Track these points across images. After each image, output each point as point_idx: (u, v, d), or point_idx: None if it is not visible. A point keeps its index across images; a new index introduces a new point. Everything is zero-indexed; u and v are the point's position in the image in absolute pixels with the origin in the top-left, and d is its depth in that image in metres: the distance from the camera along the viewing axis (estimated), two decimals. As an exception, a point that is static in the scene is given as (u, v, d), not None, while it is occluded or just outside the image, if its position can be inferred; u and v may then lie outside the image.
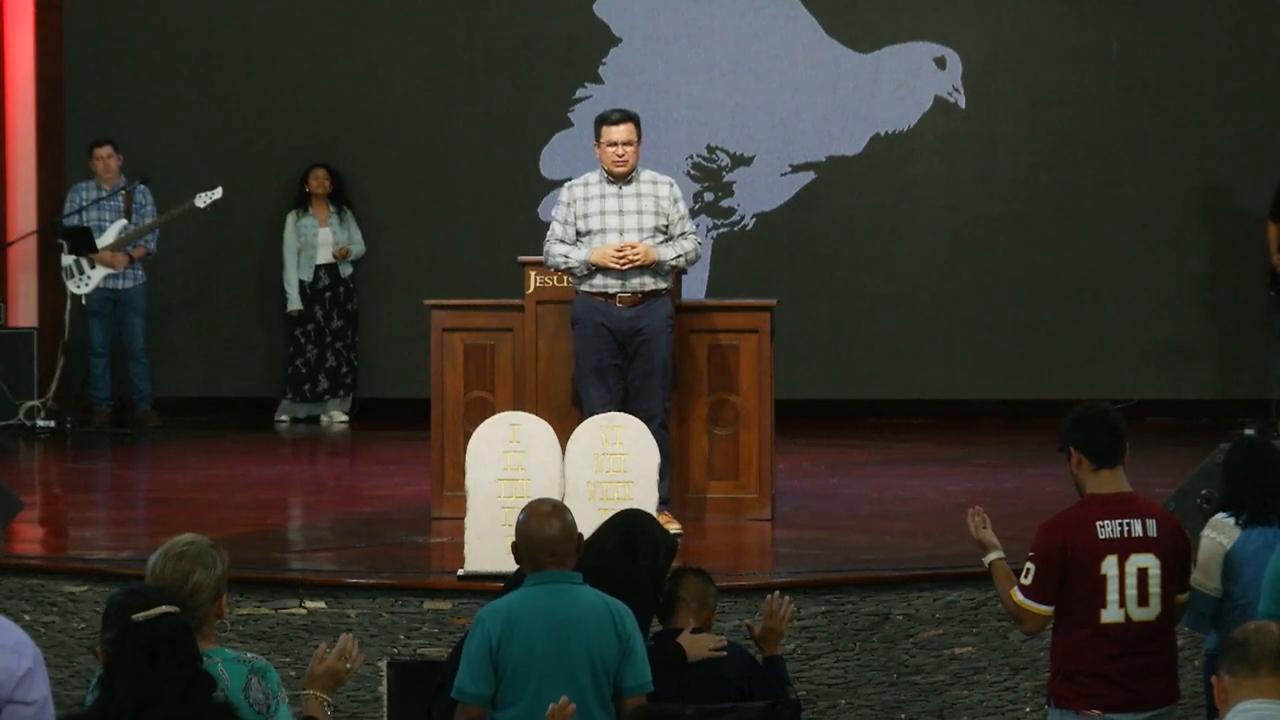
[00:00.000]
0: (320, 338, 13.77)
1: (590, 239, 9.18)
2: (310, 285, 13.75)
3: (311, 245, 13.73)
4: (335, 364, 13.81)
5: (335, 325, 13.80)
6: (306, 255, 13.73)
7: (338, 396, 13.85)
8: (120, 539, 9.64)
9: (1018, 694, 8.12)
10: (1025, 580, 6.18)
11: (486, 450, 8.17)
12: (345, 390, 13.87)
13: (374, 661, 7.93)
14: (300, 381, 13.78)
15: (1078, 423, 6.24)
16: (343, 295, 13.83)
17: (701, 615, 6.62)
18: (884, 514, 9.92)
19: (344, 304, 13.83)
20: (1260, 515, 6.48)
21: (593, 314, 9.18)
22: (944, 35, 13.80)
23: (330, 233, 13.74)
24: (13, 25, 14.08)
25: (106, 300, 13.28)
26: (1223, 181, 13.67)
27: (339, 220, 13.78)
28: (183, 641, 4.53)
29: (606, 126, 9.25)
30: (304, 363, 13.76)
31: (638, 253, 9.06)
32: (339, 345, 13.81)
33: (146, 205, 13.38)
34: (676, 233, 9.22)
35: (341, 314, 13.83)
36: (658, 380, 9.20)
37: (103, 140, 13.38)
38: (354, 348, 13.87)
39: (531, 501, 6.08)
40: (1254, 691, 4.53)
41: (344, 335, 13.83)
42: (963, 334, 13.84)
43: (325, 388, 13.81)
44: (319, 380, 13.79)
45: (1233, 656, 4.62)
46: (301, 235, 13.72)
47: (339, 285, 13.80)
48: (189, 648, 4.55)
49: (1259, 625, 4.71)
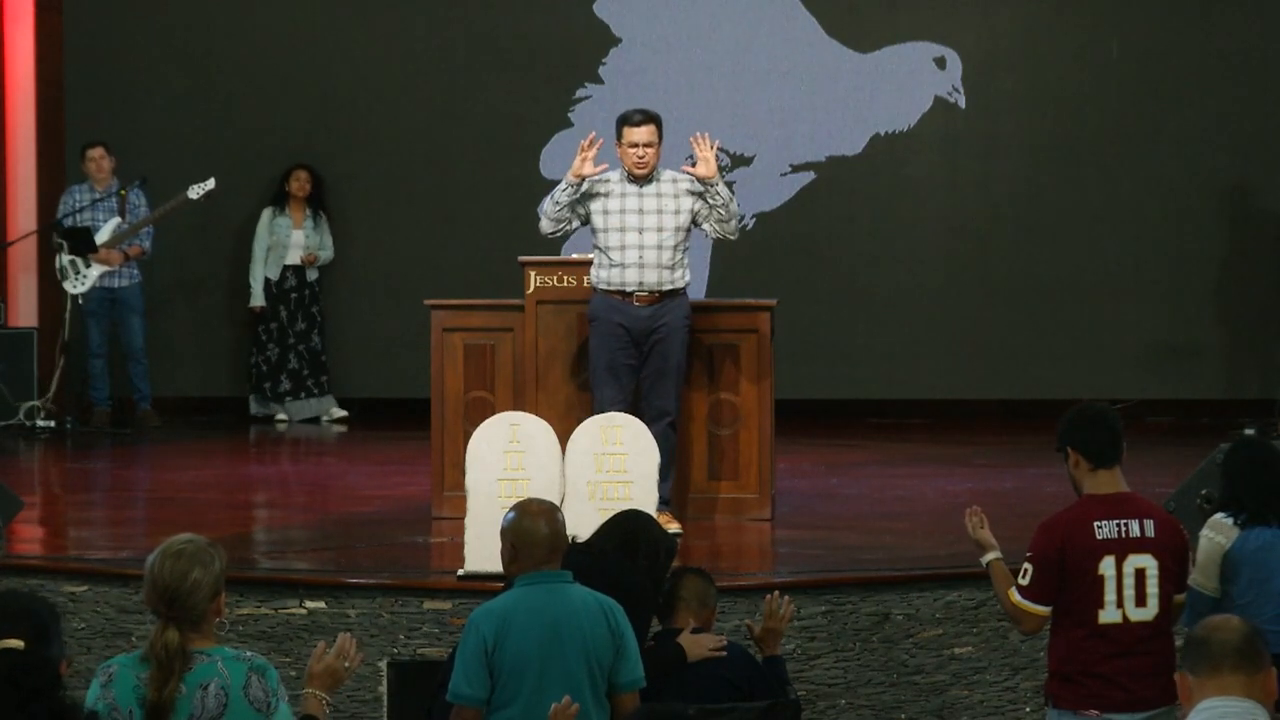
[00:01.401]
0: (283, 338, 13.80)
1: (607, 236, 9.18)
2: (276, 284, 13.78)
3: (283, 245, 13.76)
4: (297, 365, 13.83)
5: (299, 328, 13.82)
6: (276, 254, 13.77)
7: (298, 398, 13.85)
8: (120, 539, 9.64)
9: (1018, 694, 8.12)
10: (1023, 581, 6.17)
11: (486, 450, 8.17)
12: (307, 392, 13.85)
13: (374, 661, 7.93)
14: (261, 379, 13.82)
15: (1076, 423, 6.24)
16: (308, 298, 13.85)
17: (701, 615, 6.62)
18: (884, 514, 9.92)
19: (309, 306, 13.86)
20: (1259, 515, 6.48)
21: (611, 312, 9.20)
22: (944, 35, 13.81)
23: (303, 235, 13.78)
24: (13, 25, 14.08)
25: (103, 300, 13.28)
26: (1223, 181, 13.68)
27: (313, 224, 13.81)
28: (21, 678, 4.39)
29: (628, 128, 9.24)
30: (264, 360, 13.80)
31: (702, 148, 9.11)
32: (301, 347, 13.82)
33: (140, 206, 13.37)
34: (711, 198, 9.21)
35: (305, 316, 13.86)
36: (671, 379, 9.21)
37: (95, 142, 13.39)
38: (322, 350, 13.87)
39: (520, 502, 6.05)
40: (1216, 690, 4.44)
41: (307, 338, 13.84)
42: (963, 334, 13.85)
43: (287, 389, 13.82)
44: (280, 380, 13.80)
45: (1195, 654, 4.50)
46: (274, 233, 13.76)
47: (304, 288, 13.83)
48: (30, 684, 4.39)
49: (1220, 621, 4.60)
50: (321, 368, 13.90)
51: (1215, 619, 4.63)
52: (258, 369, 13.85)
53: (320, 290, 13.91)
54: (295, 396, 13.85)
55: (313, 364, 13.87)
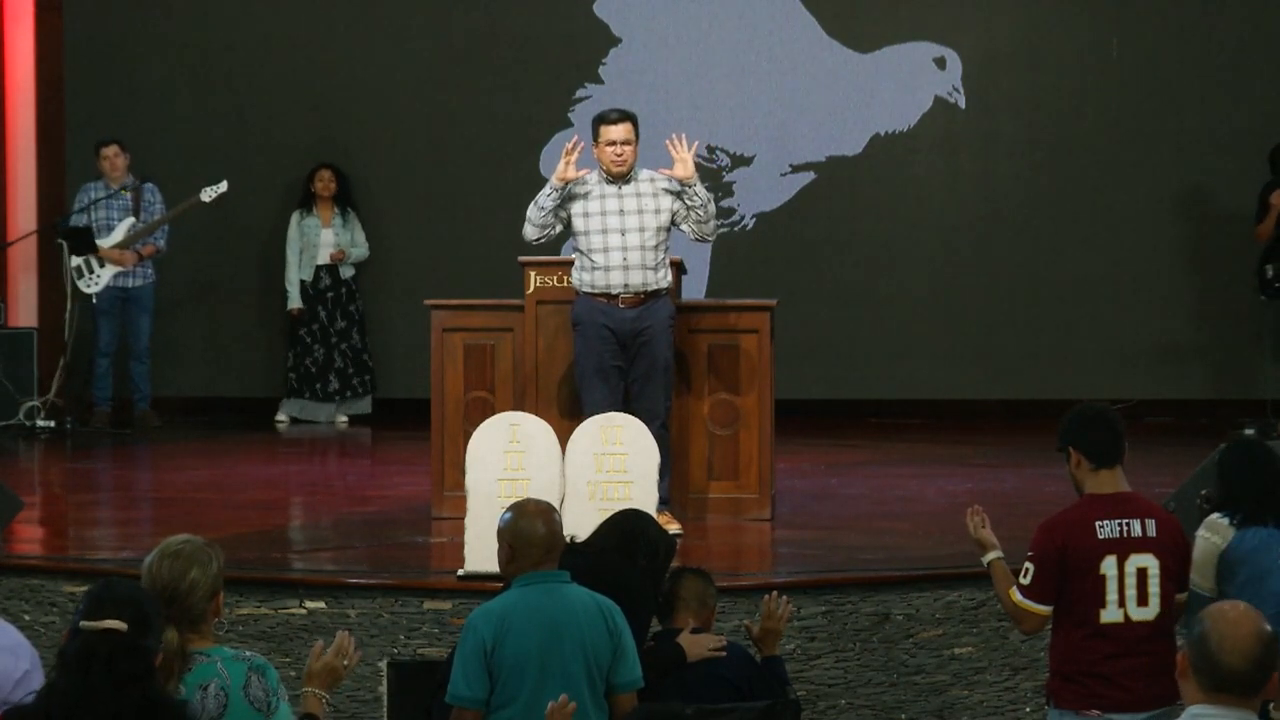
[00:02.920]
0: (326, 338, 13.78)
1: (589, 238, 9.19)
2: (311, 285, 13.76)
3: (313, 245, 13.75)
4: (342, 365, 13.82)
5: (339, 326, 13.82)
6: (308, 255, 13.75)
7: (346, 398, 13.85)
8: (120, 539, 9.64)
9: (1018, 694, 8.12)
10: (1024, 580, 6.17)
11: (486, 450, 8.17)
12: (353, 392, 13.86)
13: (374, 661, 7.93)
14: (310, 381, 13.79)
15: (1076, 423, 6.24)
16: (344, 296, 13.83)
17: (701, 615, 6.62)
18: (884, 514, 9.92)
19: (346, 305, 13.84)
20: (1255, 515, 6.47)
21: (595, 315, 9.19)
22: (944, 35, 13.81)
23: (333, 234, 13.76)
24: (13, 25, 14.08)
25: (115, 299, 13.30)
26: (1223, 182, 13.68)
27: (342, 222, 13.79)
28: (119, 662, 4.38)
29: (605, 126, 9.25)
30: (312, 362, 13.78)
31: (678, 149, 9.13)
32: (344, 346, 13.82)
33: (155, 204, 13.39)
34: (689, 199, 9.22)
35: (344, 315, 13.84)
36: (659, 380, 9.21)
37: (109, 140, 13.40)
38: (364, 349, 13.87)
39: (517, 503, 6.04)
40: (1209, 701, 4.38)
41: (349, 336, 13.83)
42: (963, 334, 13.85)
43: (335, 388, 13.82)
44: (330, 380, 13.80)
45: (1201, 664, 4.33)
46: (304, 235, 13.74)
47: (340, 286, 13.81)
48: (126, 669, 4.38)
49: (1233, 643, 4.33)
50: (364, 367, 13.89)
51: (1229, 637, 4.36)
52: (303, 371, 13.80)
53: (357, 288, 13.89)
54: (343, 396, 13.84)
55: (356, 362, 13.86)
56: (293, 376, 13.83)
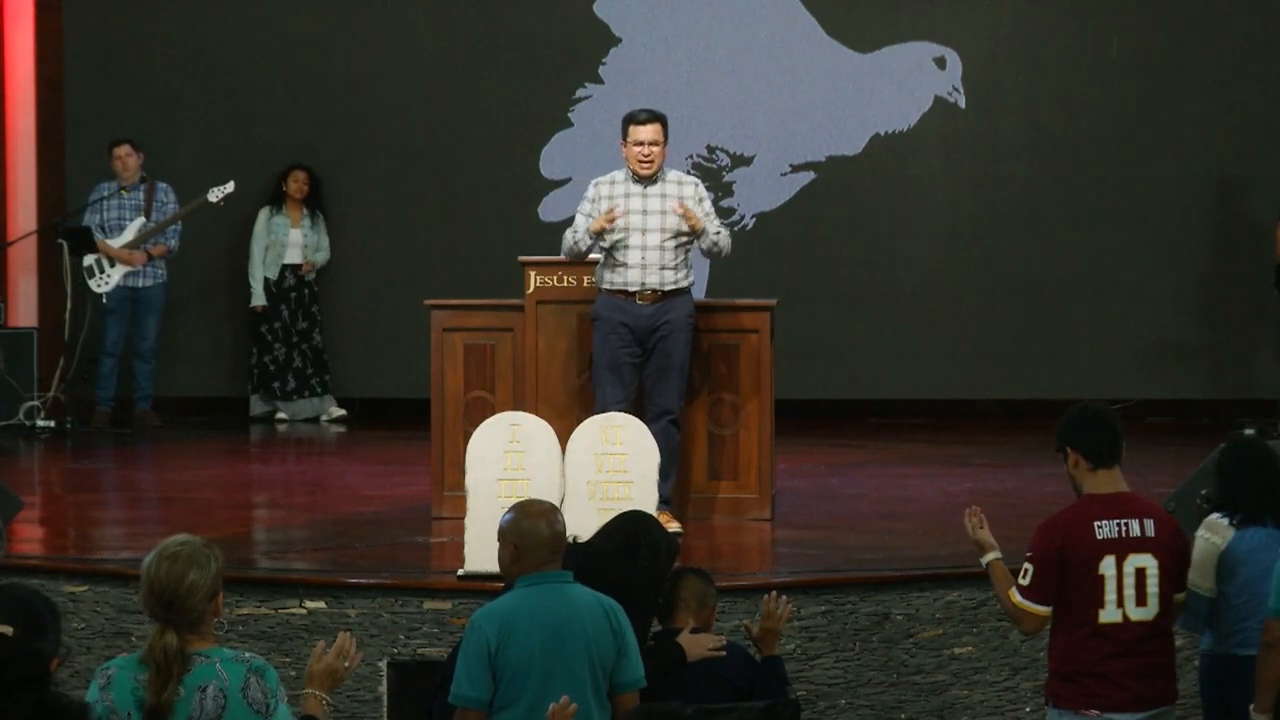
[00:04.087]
0: (288, 337, 13.80)
1: (612, 236, 9.19)
2: (275, 284, 13.79)
3: (280, 244, 13.78)
4: (301, 364, 13.84)
5: (300, 326, 13.83)
6: (274, 253, 13.79)
7: (303, 396, 13.86)
8: (120, 539, 9.65)
9: (1018, 694, 8.12)
10: (1023, 581, 6.18)
11: (486, 450, 8.17)
12: (311, 391, 13.87)
13: (374, 661, 7.93)
14: (268, 379, 13.82)
15: (1075, 423, 6.24)
16: (307, 297, 13.86)
17: (701, 615, 6.62)
18: (884, 514, 9.92)
19: (308, 305, 13.87)
20: (1255, 515, 6.48)
21: (614, 311, 9.22)
22: (944, 35, 13.80)
23: (301, 234, 13.79)
24: (13, 25, 14.08)
25: (125, 298, 13.31)
26: (1223, 181, 13.68)
27: (310, 223, 13.82)
28: (9, 666, 4.35)
29: (634, 126, 9.26)
30: (271, 360, 13.80)
31: (688, 213, 9.13)
32: (304, 346, 13.84)
33: (168, 203, 13.40)
34: (700, 243, 9.28)
35: (306, 315, 13.87)
36: (674, 376, 9.23)
37: (121, 139, 13.41)
38: (322, 350, 13.88)
39: (519, 504, 6.03)
40: None
41: (309, 336, 13.85)
42: (963, 334, 13.84)
43: (292, 387, 13.84)
44: (287, 379, 13.82)
45: None
46: (272, 233, 13.77)
47: (304, 286, 13.84)
48: (16, 673, 4.34)
49: None
50: (324, 366, 13.91)
51: None
52: (263, 368, 13.85)
53: (320, 289, 13.92)
54: (300, 395, 13.86)
55: (315, 362, 13.88)
56: (256, 374, 13.86)
